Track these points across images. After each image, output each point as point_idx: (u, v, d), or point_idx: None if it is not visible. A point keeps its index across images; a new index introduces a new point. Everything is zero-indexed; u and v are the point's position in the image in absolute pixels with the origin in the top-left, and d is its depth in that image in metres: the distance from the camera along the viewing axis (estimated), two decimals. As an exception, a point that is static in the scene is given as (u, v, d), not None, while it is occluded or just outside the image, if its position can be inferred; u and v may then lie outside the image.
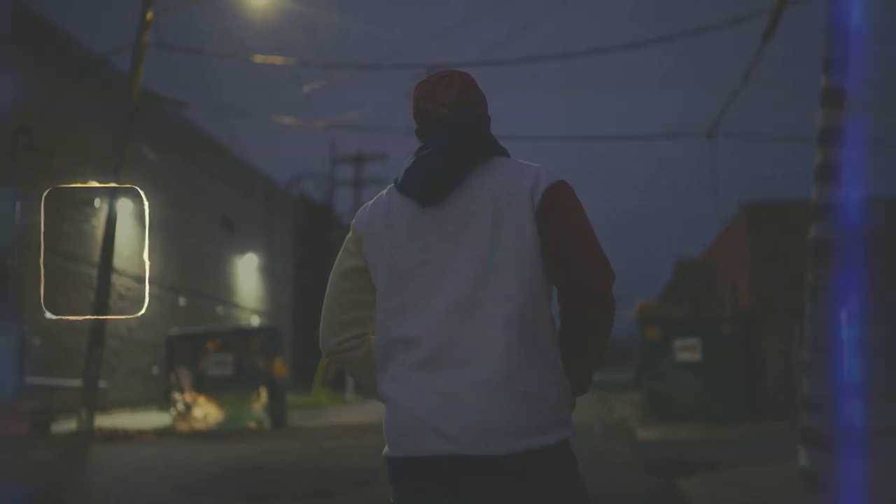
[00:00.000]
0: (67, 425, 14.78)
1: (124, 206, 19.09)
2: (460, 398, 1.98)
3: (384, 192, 2.26)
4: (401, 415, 2.03)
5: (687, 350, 15.01)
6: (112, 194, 15.30)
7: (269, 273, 28.91)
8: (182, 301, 22.46)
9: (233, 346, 15.63)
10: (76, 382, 15.90)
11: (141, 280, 21.29)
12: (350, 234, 2.25)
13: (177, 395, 15.37)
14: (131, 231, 19.92)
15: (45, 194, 1.71)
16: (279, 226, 29.81)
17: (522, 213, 2.07)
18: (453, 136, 2.15)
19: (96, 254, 16.29)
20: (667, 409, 14.84)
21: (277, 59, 16.89)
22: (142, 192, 1.71)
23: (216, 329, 16.42)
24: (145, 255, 1.79)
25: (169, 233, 21.85)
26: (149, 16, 15.88)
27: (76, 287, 17.92)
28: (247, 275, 27.17)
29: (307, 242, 32.14)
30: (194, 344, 15.72)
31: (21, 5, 16.48)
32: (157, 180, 20.22)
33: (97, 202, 18.34)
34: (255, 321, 27.22)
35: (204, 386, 15.32)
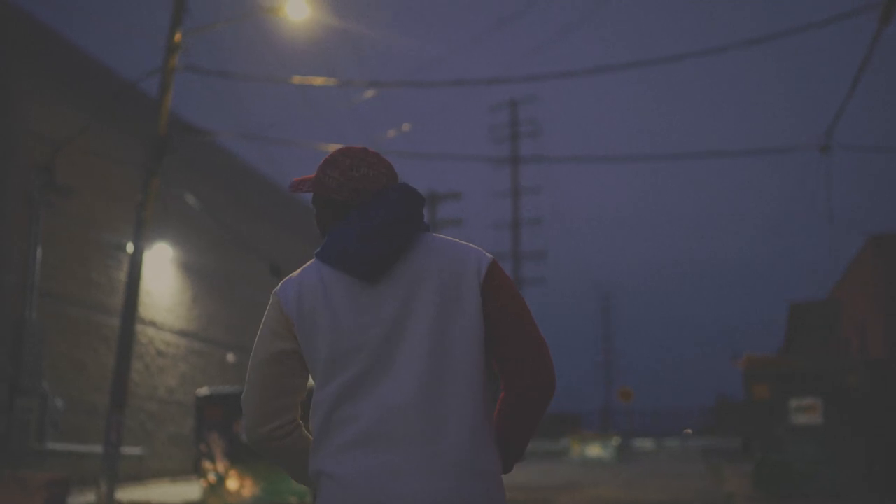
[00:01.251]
0: (86, 498, 13.65)
1: (160, 251, 18.13)
2: (409, 475, 2.05)
3: (307, 265, 2.30)
4: (341, 491, 2.08)
5: (804, 411, 13.14)
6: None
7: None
8: (230, 357, 21.32)
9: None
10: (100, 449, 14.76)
11: (185, 334, 19.94)
12: (274, 313, 2.25)
13: (207, 465, 13.99)
14: (171, 280, 18.91)
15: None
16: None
17: (471, 290, 2.18)
18: (397, 207, 2.22)
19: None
20: (781, 484, 12.89)
21: (318, 80, 15.67)
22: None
23: (218, 389, 15.03)
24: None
25: (213, 281, 20.84)
26: (177, 37, 14.86)
27: (106, 341, 16.87)
28: None
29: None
30: (227, 405, 14.35)
31: (34, 24, 15.63)
32: (196, 222, 19.18)
33: (129, 247, 17.32)
34: (311, 380, 25.84)
35: (238, 454, 13.89)
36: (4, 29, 15.11)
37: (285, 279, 2.33)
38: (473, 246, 2.27)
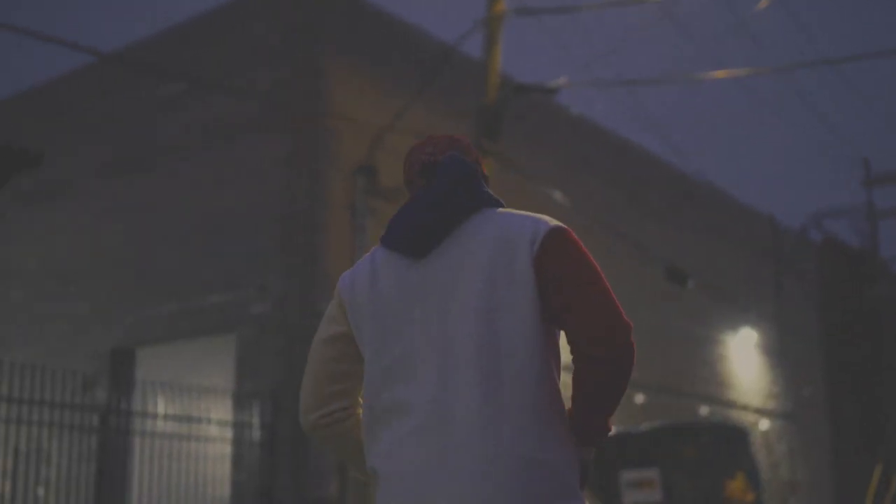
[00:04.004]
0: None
1: None
2: (461, 469, 2.13)
3: (368, 252, 2.50)
4: (393, 489, 2.19)
5: None
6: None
7: (779, 354, 23.97)
8: (640, 398, 18.60)
9: (658, 456, 11.59)
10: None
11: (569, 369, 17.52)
12: (334, 299, 2.47)
13: None
14: None
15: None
16: (789, 284, 24.80)
17: (523, 262, 2.25)
18: (441, 181, 2.39)
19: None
20: None
21: None
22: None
23: (626, 430, 12.17)
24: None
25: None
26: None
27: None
28: (741, 358, 22.98)
29: (836, 306, 26.57)
30: (602, 453, 11.75)
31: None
32: (562, 218, 16.65)
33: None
34: (764, 426, 22.53)
35: None
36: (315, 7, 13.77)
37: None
38: (538, 216, 2.33)
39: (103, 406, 11.29)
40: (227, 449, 12.37)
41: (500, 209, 2.37)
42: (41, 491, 13.02)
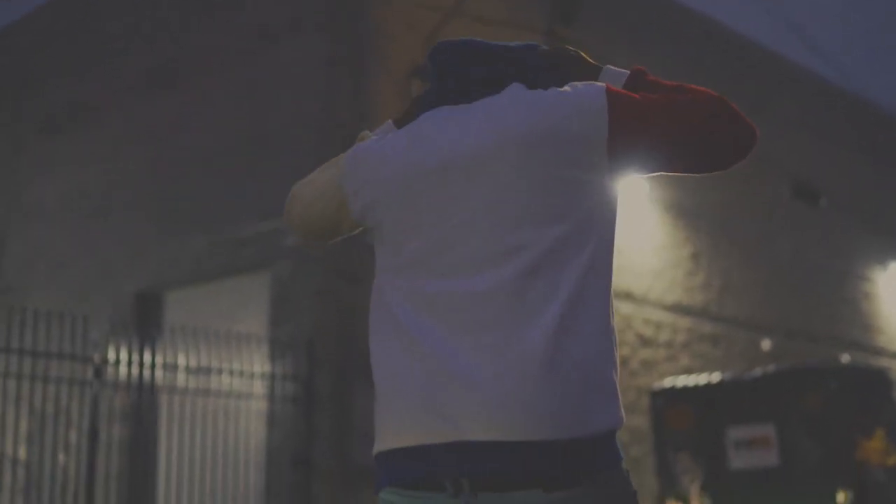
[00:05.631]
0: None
1: (631, 184, 14.59)
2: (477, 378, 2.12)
3: None
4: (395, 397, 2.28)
5: None
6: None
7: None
8: (766, 344, 17.95)
9: (774, 409, 10.29)
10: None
11: (685, 310, 16.80)
12: None
13: None
14: (654, 227, 16.15)
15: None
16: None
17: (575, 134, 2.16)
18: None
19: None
20: None
21: None
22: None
23: (734, 376, 10.79)
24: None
25: (721, 226, 17.66)
26: None
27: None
28: (892, 296, 22.15)
29: None
30: (701, 406, 10.70)
31: None
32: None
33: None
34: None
35: (724, 486, 10.30)
36: None
37: None
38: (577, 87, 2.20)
39: (128, 360, 10.72)
40: (263, 406, 11.62)
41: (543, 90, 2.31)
42: (62, 457, 12.34)
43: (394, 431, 2.09)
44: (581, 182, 2.09)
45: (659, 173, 2.19)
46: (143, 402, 11.62)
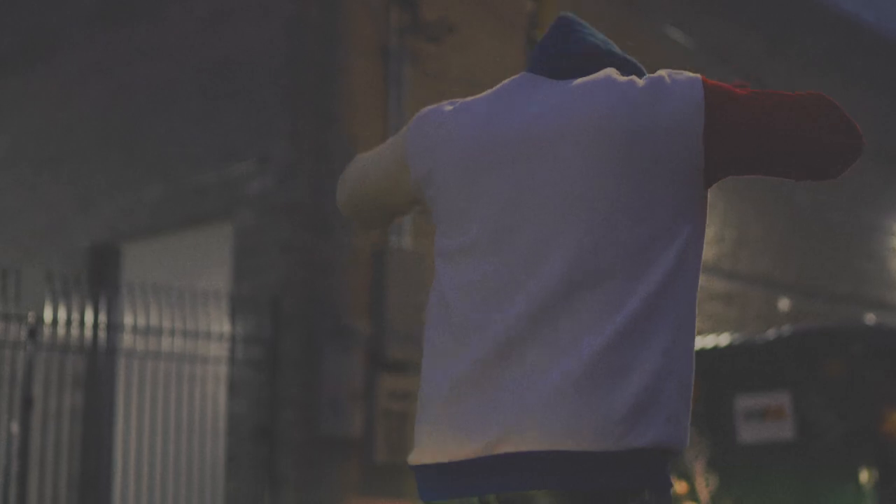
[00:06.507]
0: None
1: None
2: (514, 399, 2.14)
3: None
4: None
5: None
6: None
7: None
8: (784, 304, 17.99)
9: (790, 375, 9.95)
10: None
11: (734, 276, 17.13)
12: None
13: (678, 487, 10.34)
14: None
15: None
16: None
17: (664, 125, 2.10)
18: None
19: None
20: None
21: None
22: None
23: (744, 339, 10.63)
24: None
25: (739, 180, 17.07)
26: None
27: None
28: None
29: None
30: (707, 372, 10.17)
31: None
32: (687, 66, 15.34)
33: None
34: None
35: (732, 463, 10.08)
36: None
37: None
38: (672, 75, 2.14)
39: (83, 321, 10.66)
40: (223, 371, 11.37)
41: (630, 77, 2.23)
42: (15, 427, 12.13)
43: (423, 444, 2.10)
44: (670, 181, 2.04)
45: (755, 175, 2.18)
46: (92, 366, 11.48)
